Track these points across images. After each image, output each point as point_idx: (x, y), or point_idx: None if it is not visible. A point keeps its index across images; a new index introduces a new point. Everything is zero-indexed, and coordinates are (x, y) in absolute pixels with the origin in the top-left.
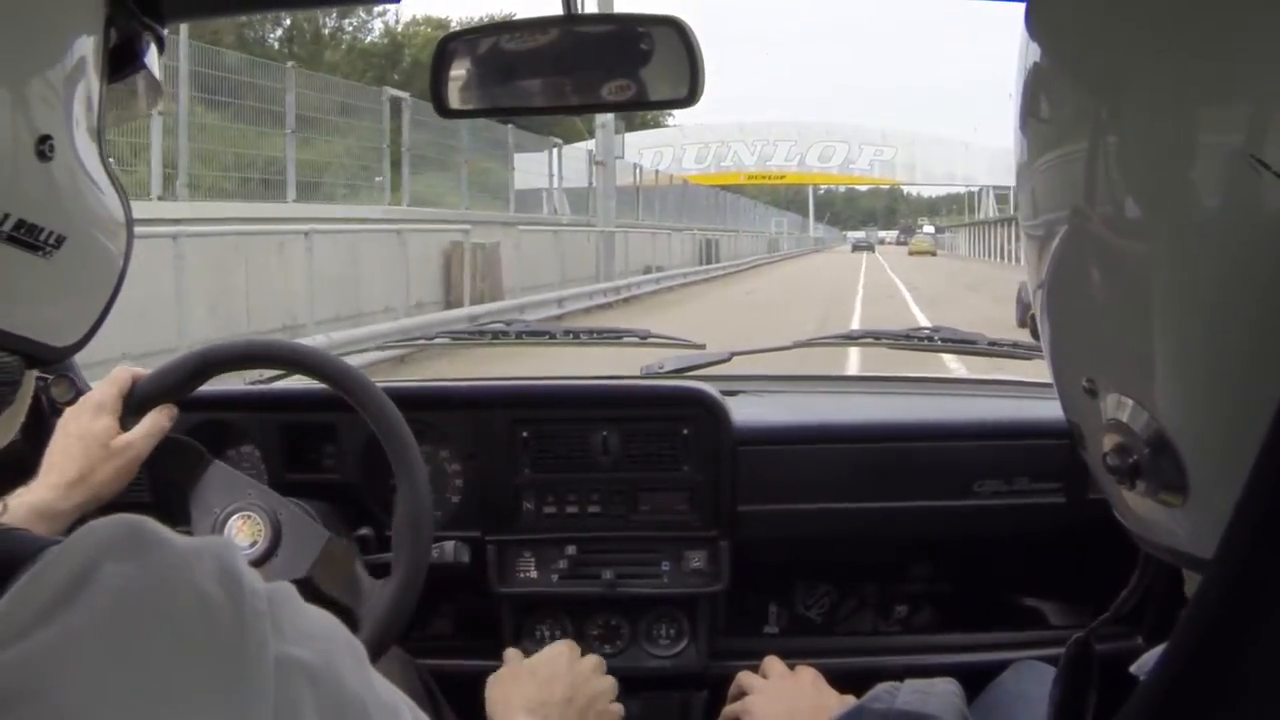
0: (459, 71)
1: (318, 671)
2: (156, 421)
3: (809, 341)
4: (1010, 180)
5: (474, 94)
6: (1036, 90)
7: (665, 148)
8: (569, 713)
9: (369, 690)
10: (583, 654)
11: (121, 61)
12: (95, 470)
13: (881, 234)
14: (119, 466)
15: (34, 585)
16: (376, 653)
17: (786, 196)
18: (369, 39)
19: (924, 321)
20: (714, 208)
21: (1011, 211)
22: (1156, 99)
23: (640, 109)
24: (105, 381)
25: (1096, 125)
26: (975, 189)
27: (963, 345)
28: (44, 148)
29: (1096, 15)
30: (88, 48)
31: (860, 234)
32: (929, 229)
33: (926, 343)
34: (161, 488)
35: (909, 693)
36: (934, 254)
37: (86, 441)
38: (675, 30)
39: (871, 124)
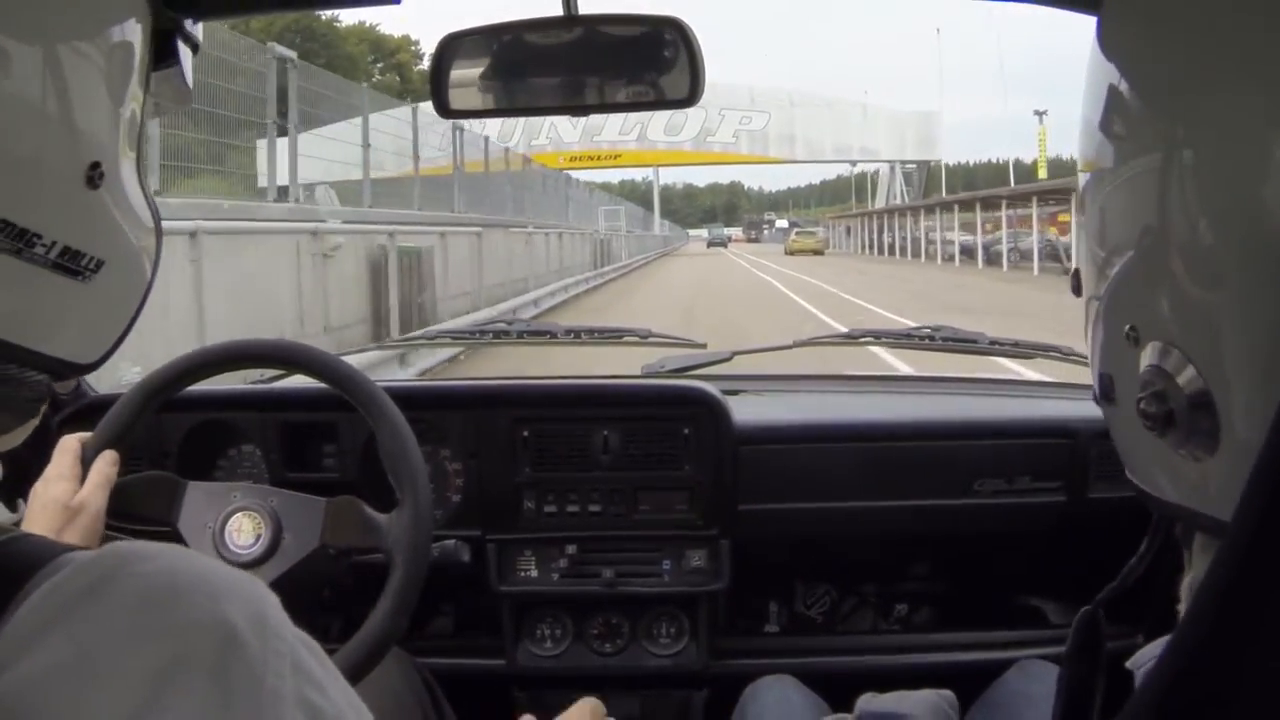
0: (459, 72)
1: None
2: (101, 471)
3: (810, 341)
4: (926, 155)
5: (473, 94)
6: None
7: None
8: None
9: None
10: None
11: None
12: (61, 536)
13: (727, 231)
14: (83, 526)
15: (52, 595)
16: (416, 582)
17: (624, 190)
18: None
19: None
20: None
21: (919, 196)
22: (1233, 83)
23: (640, 109)
24: (56, 454)
25: (1176, 124)
26: (879, 165)
27: (963, 345)
28: (94, 174)
29: (1172, 35)
30: (133, 70)
31: (704, 231)
32: (781, 223)
33: (927, 342)
34: (151, 528)
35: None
36: (821, 252)
37: (50, 509)
38: (676, 30)
39: (737, 82)
